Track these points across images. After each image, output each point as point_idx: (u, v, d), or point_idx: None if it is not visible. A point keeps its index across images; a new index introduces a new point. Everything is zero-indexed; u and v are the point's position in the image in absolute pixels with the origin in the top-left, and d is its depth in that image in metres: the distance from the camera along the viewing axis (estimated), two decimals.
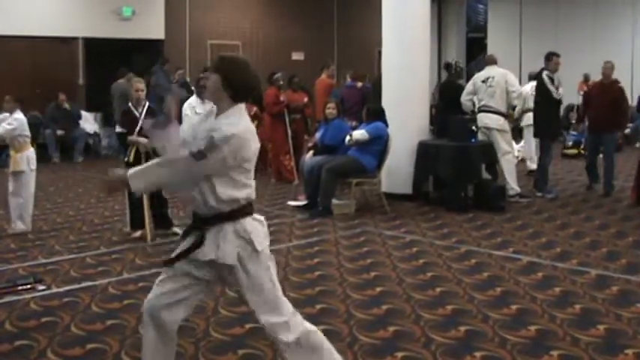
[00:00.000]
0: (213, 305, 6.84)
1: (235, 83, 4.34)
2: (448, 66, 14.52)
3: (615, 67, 13.06)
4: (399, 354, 5.64)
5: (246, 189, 4.42)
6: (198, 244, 4.38)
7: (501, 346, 5.82)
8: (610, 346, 5.84)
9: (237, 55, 4.62)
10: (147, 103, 9.75)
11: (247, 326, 6.24)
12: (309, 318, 6.39)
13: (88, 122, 19.72)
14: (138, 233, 9.66)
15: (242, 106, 4.43)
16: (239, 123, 4.33)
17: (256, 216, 4.55)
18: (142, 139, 9.34)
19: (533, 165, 14.82)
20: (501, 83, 12.39)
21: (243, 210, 4.43)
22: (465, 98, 12.87)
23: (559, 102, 12.84)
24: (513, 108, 13.56)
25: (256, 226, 4.49)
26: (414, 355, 5.63)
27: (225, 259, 4.36)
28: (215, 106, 4.45)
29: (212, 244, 4.37)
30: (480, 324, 6.36)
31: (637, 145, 19.94)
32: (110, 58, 19.56)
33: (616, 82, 13.00)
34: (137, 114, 9.53)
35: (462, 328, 6.23)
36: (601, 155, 13.29)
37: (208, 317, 6.51)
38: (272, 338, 4.52)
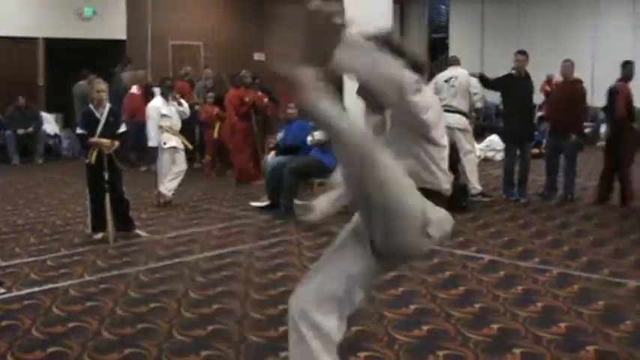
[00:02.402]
0: (175, 307, 6.81)
1: None
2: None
3: (576, 66, 13.03)
4: (362, 354, 5.64)
5: None
6: None
7: (464, 344, 5.84)
8: (571, 343, 5.89)
9: None
10: (108, 105, 9.69)
11: (210, 328, 6.23)
12: (272, 319, 6.43)
13: (49, 123, 19.54)
14: (99, 235, 9.59)
15: None
16: None
17: None
18: (104, 141, 9.30)
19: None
20: (464, 84, 12.43)
21: None
22: None
23: (524, 104, 12.75)
24: (476, 110, 13.56)
25: None
26: (379, 355, 5.65)
27: None
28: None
29: None
30: (443, 323, 6.38)
31: (598, 144, 20.08)
32: (71, 59, 19.40)
33: (577, 81, 12.89)
34: (98, 115, 9.46)
35: (425, 327, 6.24)
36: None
37: (171, 319, 6.48)
38: None
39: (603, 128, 18.82)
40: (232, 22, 23.85)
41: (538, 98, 18.35)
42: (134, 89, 17.14)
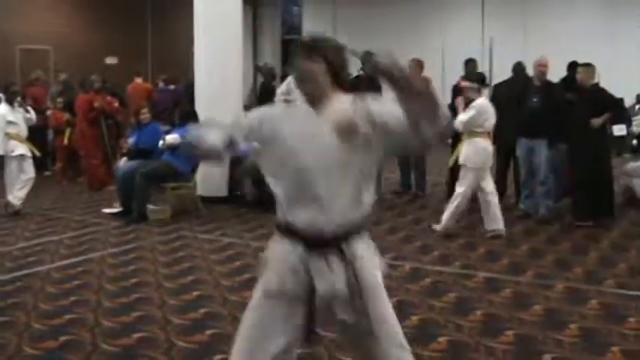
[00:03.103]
0: (25, 319, 6.64)
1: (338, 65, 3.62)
2: (258, 69, 14.62)
3: (426, 65, 13.24)
4: (217, 357, 5.61)
5: None
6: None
7: (317, 341, 5.87)
8: (423, 336, 6.01)
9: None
10: None
11: (62, 339, 6.09)
12: (126, 326, 6.34)
13: None
14: None
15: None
16: None
17: None
18: None
19: None
20: None
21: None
22: (279, 98, 12.95)
23: None
24: None
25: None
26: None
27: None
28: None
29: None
30: None
31: (449, 141, 20.50)
32: None
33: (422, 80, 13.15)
34: None
35: None
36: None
37: (21, 332, 6.31)
38: None
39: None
40: (82, 26, 23.38)
41: None
42: None
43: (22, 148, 11.61)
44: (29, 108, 12.27)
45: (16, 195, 11.63)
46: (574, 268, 8.28)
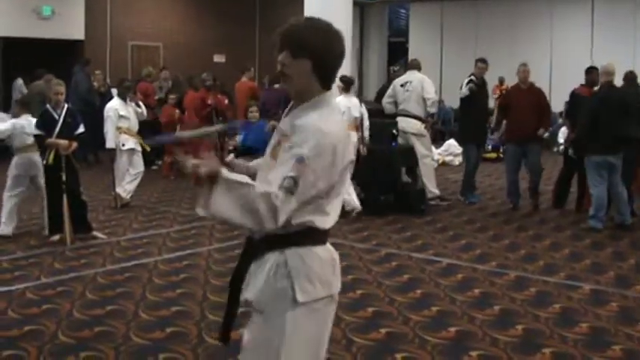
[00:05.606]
0: (133, 309, 6.78)
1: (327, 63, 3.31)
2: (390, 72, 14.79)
3: (533, 70, 12.92)
4: None
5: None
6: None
7: (422, 347, 5.88)
8: (528, 346, 5.95)
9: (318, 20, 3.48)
10: (66, 106, 9.62)
11: (168, 330, 6.21)
12: None
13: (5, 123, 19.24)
14: (57, 237, 9.49)
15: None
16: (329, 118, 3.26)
17: (325, 247, 3.39)
18: (62, 142, 9.24)
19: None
20: (418, 88, 12.37)
21: (301, 236, 3.26)
22: (385, 101, 12.93)
23: (482, 109, 13.03)
24: (432, 115, 13.46)
25: (312, 260, 3.27)
26: (334, 357, 5.65)
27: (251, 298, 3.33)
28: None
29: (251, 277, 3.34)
30: (400, 326, 6.41)
31: (554, 149, 20.23)
32: (29, 58, 19.17)
33: (538, 87, 12.75)
34: (56, 116, 9.40)
35: (383, 330, 6.27)
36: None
37: (129, 321, 6.45)
38: None
39: (561, 133, 19.05)
40: (192, 24, 23.74)
41: (491, 102, 18.52)
42: None
43: (132, 142, 11.86)
44: (140, 103, 12.51)
45: (126, 188, 11.88)
46: None
